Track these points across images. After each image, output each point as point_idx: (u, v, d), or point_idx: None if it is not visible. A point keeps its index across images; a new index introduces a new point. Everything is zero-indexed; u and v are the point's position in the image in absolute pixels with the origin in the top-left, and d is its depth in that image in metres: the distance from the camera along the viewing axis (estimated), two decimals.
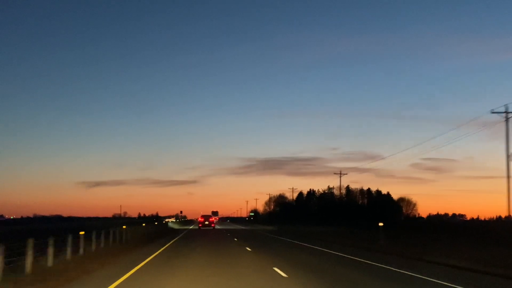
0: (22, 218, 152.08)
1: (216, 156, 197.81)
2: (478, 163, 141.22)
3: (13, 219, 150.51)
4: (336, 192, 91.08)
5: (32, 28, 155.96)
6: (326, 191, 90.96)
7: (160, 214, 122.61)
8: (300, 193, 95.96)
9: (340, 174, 73.79)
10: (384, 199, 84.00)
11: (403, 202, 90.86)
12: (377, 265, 16.92)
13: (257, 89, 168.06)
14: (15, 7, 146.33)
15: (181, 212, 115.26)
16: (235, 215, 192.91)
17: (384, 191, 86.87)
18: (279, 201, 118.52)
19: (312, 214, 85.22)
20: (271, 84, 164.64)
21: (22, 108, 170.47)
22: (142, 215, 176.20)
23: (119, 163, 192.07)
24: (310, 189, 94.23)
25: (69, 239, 16.94)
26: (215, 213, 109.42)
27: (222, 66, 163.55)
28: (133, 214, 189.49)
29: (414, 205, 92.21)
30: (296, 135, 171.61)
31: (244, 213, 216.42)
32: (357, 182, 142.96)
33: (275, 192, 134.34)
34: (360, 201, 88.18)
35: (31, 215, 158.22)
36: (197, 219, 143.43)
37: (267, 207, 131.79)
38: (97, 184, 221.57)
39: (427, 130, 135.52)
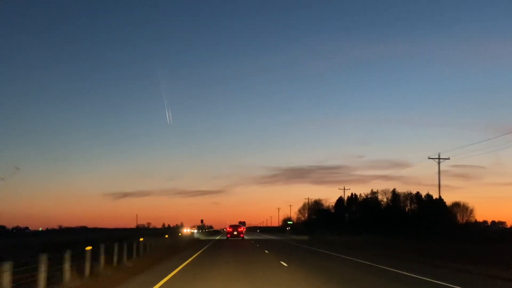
0: (47, 229, 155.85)
1: (241, 165, 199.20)
2: (508, 169, 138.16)
3: (41, 230, 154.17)
4: (380, 196, 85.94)
5: (61, 42, 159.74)
6: (369, 196, 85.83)
7: (185, 225, 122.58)
8: (340, 199, 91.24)
9: (439, 159, 50.55)
10: (436, 205, 78.38)
11: (458, 208, 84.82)
12: None
13: (280, 98, 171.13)
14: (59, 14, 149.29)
15: (202, 221, 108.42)
16: (263, 225, 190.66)
17: (434, 195, 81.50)
18: (315, 208, 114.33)
19: (355, 222, 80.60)
20: (295, 93, 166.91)
21: (50, 120, 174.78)
22: (166, 225, 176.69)
23: (146, 174, 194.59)
24: (352, 194, 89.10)
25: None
26: (242, 223, 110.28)
27: (246, 74, 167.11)
28: (158, 224, 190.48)
29: (471, 211, 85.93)
30: (321, 143, 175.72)
31: (275, 222, 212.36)
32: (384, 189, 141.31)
33: (301, 200, 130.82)
34: (408, 207, 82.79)
35: (56, 227, 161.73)
36: (223, 229, 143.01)
37: (301, 215, 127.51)
38: (125, 195, 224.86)
39: (454, 136, 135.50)
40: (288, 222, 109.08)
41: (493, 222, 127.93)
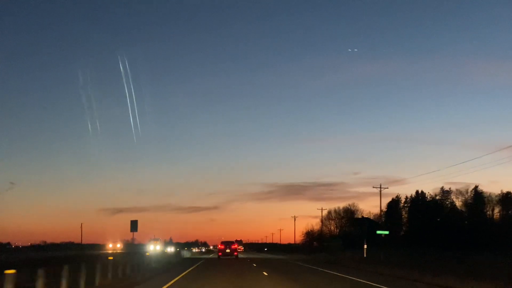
0: (31, 245, 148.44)
1: (238, 181, 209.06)
2: (504, 188, 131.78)
3: (24, 246, 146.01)
4: (454, 197, 66.15)
5: (71, 65, 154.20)
6: (437, 196, 66.13)
7: (174, 240, 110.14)
8: (394, 202, 71.55)
9: None
10: None
11: None
12: None
13: (277, 114, 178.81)
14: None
15: (154, 237, 69.62)
16: (264, 241, 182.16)
17: None
18: (349, 217, 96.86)
19: (416, 233, 62.02)
20: (292, 109, 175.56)
21: (45, 135, 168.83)
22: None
23: (142, 190, 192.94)
24: (418, 191, 68.79)
25: None
26: (238, 242, 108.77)
27: (243, 91, 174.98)
28: (144, 241, 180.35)
29: None
30: (317, 160, 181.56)
31: (286, 238, 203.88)
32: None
33: (300, 217, 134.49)
34: (489, 213, 63.93)
35: (39, 242, 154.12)
36: (214, 247, 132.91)
37: (325, 227, 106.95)
38: (120, 210, 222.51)
39: (451, 154, 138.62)
40: (379, 232, 59.03)
41: None
